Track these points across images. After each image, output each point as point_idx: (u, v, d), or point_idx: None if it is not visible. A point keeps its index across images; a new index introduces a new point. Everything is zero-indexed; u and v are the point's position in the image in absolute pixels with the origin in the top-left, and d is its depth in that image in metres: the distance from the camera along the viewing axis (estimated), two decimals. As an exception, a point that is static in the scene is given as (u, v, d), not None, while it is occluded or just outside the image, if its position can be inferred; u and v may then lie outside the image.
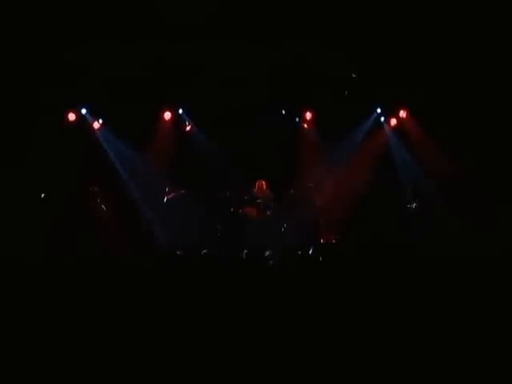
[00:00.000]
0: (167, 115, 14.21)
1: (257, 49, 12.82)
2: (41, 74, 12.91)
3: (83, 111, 13.93)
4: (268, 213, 13.54)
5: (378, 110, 14.49)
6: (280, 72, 13.40)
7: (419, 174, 13.92)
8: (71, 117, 13.79)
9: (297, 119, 14.55)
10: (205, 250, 8.29)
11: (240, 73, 13.36)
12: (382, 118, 14.60)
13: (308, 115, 14.39)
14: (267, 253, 7.39)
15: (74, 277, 6.81)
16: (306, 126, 14.58)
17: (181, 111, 14.32)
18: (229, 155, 13.94)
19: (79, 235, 12.41)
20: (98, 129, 14.07)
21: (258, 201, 13.53)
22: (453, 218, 12.83)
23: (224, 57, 13.02)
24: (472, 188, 12.98)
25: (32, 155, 13.08)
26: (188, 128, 14.48)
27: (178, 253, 9.29)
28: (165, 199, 13.43)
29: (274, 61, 13.16)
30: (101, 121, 14.04)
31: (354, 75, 13.71)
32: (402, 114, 14.30)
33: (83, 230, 12.68)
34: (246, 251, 7.50)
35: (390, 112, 14.48)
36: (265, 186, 13.68)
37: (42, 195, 13.33)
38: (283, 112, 14.31)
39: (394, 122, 14.52)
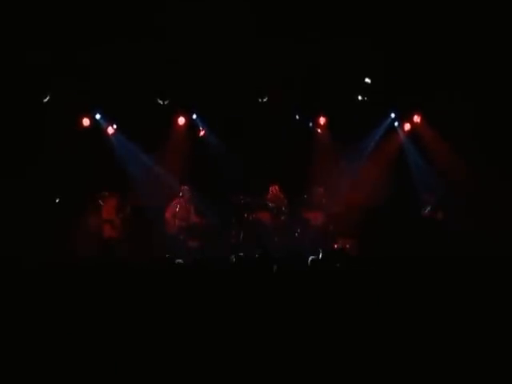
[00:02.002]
0: (181, 120, 14.23)
1: (271, 54, 12.81)
2: (55, 78, 12.97)
3: (97, 116, 13.99)
4: (282, 218, 13.52)
5: (392, 115, 14.45)
6: (294, 77, 13.38)
7: (433, 178, 13.86)
8: (85, 122, 13.84)
9: (310, 124, 14.54)
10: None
11: (254, 78, 13.36)
12: (396, 123, 14.56)
13: (322, 120, 14.37)
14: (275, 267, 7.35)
15: (84, 280, 6.85)
16: (319, 130, 14.57)
17: (195, 116, 14.34)
18: (242, 160, 13.94)
19: (90, 239, 12.49)
20: (113, 134, 14.11)
21: (271, 206, 13.51)
22: (468, 221, 12.77)
23: (238, 62, 13.02)
24: (488, 191, 12.93)
25: (46, 160, 13.13)
26: (202, 133, 14.52)
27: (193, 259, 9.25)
28: (177, 207, 13.42)
29: (288, 66, 13.14)
30: (115, 126, 14.09)
31: (367, 80, 13.67)
32: (416, 118, 14.25)
33: (94, 235, 12.76)
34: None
35: (404, 117, 14.43)
36: (278, 191, 13.65)
37: (57, 200, 13.38)
38: (297, 117, 14.29)
39: (408, 126, 14.47)
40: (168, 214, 13.32)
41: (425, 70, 13.04)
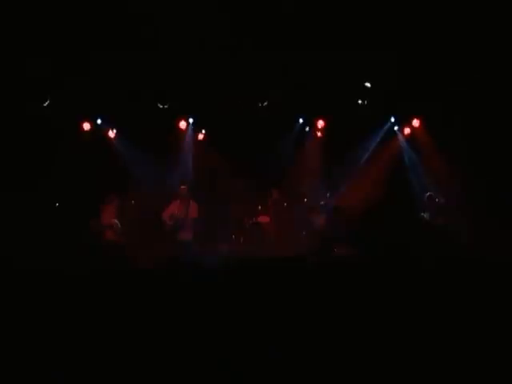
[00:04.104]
0: (182, 124, 14.30)
1: (271, 59, 12.84)
2: (55, 83, 13.01)
3: (98, 121, 14.03)
4: (282, 222, 13.53)
5: (392, 119, 14.48)
6: (294, 81, 13.41)
7: (432, 183, 13.89)
8: (86, 126, 13.89)
9: (307, 128, 14.58)
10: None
11: (254, 82, 13.40)
12: (396, 127, 14.60)
13: (321, 123, 14.40)
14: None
15: (85, 284, 6.86)
16: (319, 134, 14.60)
17: (191, 120, 14.40)
18: (242, 165, 13.96)
19: (95, 245, 12.50)
20: (114, 138, 14.15)
21: (270, 210, 13.53)
22: (464, 227, 12.78)
23: (238, 66, 13.05)
24: (485, 197, 12.96)
25: (47, 165, 13.16)
26: (201, 137, 14.59)
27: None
28: (173, 207, 13.47)
29: (288, 70, 13.17)
30: (115, 130, 14.12)
31: (367, 84, 13.69)
32: (416, 122, 14.28)
33: (99, 240, 12.77)
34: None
35: (404, 120, 14.46)
36: (278, 195, 13.67)
37: (57, 204, 13.41)
38: (301, 120, 14.35)
39: (407, 130, 14.50)
40: (164, 214, 13.40)
41: (424, 75, 13.07)
